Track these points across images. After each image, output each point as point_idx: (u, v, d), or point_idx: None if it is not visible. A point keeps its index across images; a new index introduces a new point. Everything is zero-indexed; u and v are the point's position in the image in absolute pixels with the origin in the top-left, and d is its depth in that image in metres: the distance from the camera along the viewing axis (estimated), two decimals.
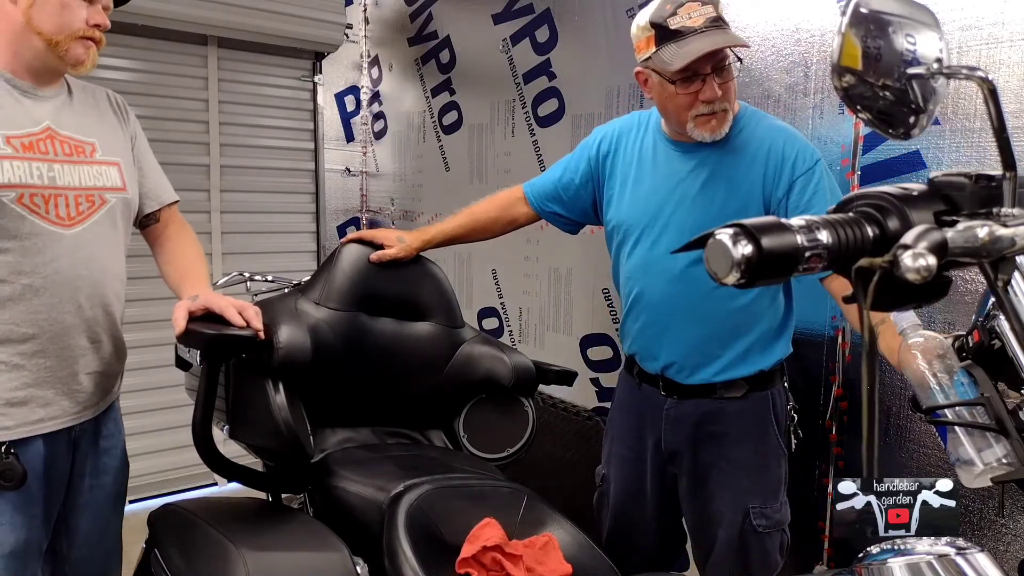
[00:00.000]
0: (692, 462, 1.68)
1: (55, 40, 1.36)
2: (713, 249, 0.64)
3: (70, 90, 1.50)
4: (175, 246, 1.64)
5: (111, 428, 1.57)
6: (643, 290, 1.68)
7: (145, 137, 1.65)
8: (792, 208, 1.54)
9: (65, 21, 1.36)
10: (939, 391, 0.88)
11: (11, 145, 1.34)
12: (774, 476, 1.65)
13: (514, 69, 2.83)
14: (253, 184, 3.47)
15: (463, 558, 1.34)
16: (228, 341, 1.45)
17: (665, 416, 1.69)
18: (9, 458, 1.33)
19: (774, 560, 1.65)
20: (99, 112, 1.54)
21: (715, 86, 1.51)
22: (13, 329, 1.35)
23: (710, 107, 1.53)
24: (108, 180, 1.48)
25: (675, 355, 1.65)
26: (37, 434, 1.39)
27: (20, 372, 1.36)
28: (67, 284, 1.40)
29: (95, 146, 1.48)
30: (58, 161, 1.40)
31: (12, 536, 1.35)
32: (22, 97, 1.39)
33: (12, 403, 1.36)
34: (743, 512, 1.62)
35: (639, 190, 1.69)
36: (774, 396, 1.65)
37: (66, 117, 1.45)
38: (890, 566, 0.75)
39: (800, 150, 1.56)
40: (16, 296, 1.35)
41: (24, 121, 1.38)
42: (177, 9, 3.02)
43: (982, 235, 0.63)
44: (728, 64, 1.53)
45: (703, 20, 1.48)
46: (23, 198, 1.33)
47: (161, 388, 3.15)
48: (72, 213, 1.40)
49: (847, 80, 0.70)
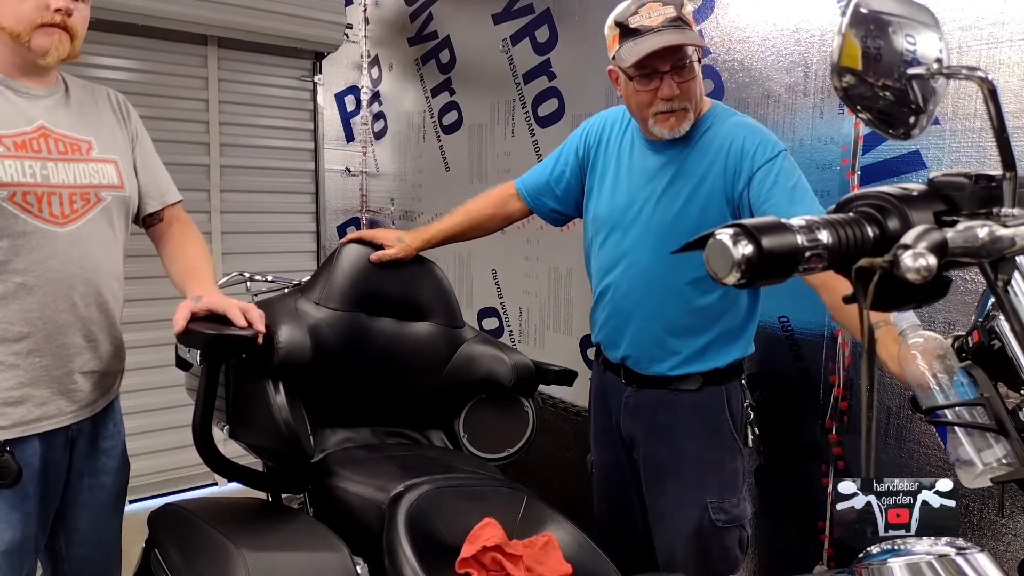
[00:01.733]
0: (647, 452, 1.73)
1: (16, 32, 1.34)
2: (713, 249, 0.64)
3: (67, 88, 1.50)
4: (179, 245, 1.64)
5: (110, 428, 1.57)
6: (609, 284, 1.74)
7: (149, 137, 1.65)
8: (754, 199, 1.55)
9: (22, 12, 1.34)
10: (939, 391, 0.88)
11: (3, 144, 1.34)
12: (730, 470, 1.68)
13: (514, 69, 2.83)
14: (253, 184, 3.48)
15: (463, 558, 1.33)
16: (227, 341, 1.45)
17: (624, 404, 1.75)
18: (4, 456, 1.33)
19: (734, 556, 1.69)
20: (97, 110, 1.54)
21: (673, 84, 1.55)
22: (7, 328, 1.35)
23: (669, 104, 1.58)
24: (104, 178, 1.47)
25: (635, 347, 1.71)
26: (33, 433, 1.39)
27: (15, 371, 1.36)
28: (61, 282, 1.39)
29: (91, 144, 1.47)
30: (52, 159, 1.39)
31: (8, 534, 1.36)
32: (15, 97, 1.39)
33: (8, 402, 1.36)
34: (701, 506, 1.64)
35: (615, 186, 1.74)
36: (729, 391, 1.68)
37: (61, 115, 1.45)
38: (890, 566, 0.75)
39: (761, 143, 1.58)
40: (9, 295, 1.35)
41: (17, 120, 1.38)
42: (177, 9, 3.02)
43: (982, 235, 0.63)
44: (688, 63, 1.55)
45: (662, 20, 1.53)
46: (15, 196, 1.33)
47: (161, 388, 3.16)
48: (66, 211, 1.40)
49: (847, 80, 0.70)
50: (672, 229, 1.62)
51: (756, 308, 1.72)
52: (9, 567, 1.37)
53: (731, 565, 1.69)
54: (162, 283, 1.65)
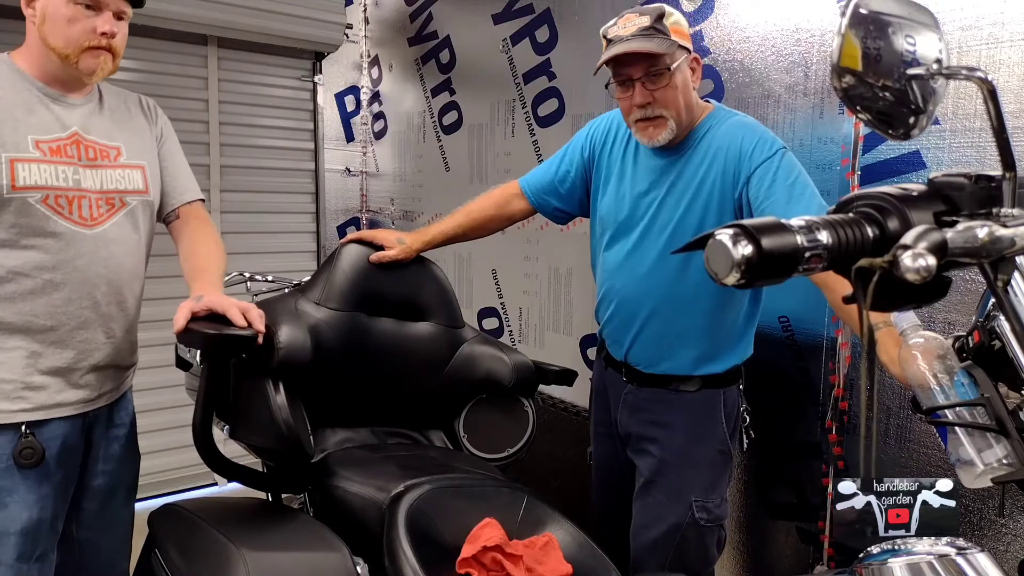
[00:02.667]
0: (640, 446, 1.74)
1: (65, 54, 1.43)
2: (713, 249, 0.64)
3: (101, 97, 1.58)
4: (191, 243, 1.67)
5: (122, 416, 1.64)
6: (612, 285, 1.76)
7: (176, 138, 1.73)
8: (753, 199, 1.56)
9: (72, 35, 1.42)
10: (939, 392, 0.88)
11: (39, 149, 1.43)
12: (717, 472, 1.70)
13: (514, 69, 2.83)
14: (253, 184, 3.47)
15: (463, 558, 1.34)
16: (227, 341, 1.45)
17: (623, 400, 1.77)
18: (29, 437, 1.42)
19: (712, 555, 1.72)
20: (129, 116, 1.62)
21: (645, 91, 1.57)
22: (33, 320, 1.44)
23: (643, 112, 1.60)
24: (131, 183, 1.55)
25: (636, 348, 1.73)
26: (54, 417, 1.47)
27: (38, 359, 1.45)
28: (86, 281, 1.47)
29: (120, 150, 1.55)
30: (83, 165, 1.48)
31: (25, 513, 1.42)
32: (52, 104, 1.47)
33: (31, 387, 1.44)
34: (686, 504, 1.66)
35: (619, 187, 1.75)
36: (726, 395, 1.70)
37: (94, 123, 1.53)
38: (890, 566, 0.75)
39: (759, 142, 1.58)
40: (37, 290, 1.43)
41: (54, 126, 1.46)
42: (177, 9, 3.02)
43: (982, 235, 0.63)
44: (663, 71, 1.56)
45: (634, 29, 1.56)
46: (48, 199, 1.42)
47: (161, 388, 3.15)
48: (95, 214, 1.49)
49: (847, 81, 0.71)
50: (675, 232, 1.64)
51: (756, 312, 1.73)
52: (26, 547, 1.43)
53: (708, 562, 1.72)
54: (165, 282, 1.66)
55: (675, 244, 1.62)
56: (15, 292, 1.42)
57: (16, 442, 1.41)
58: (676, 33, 1.58)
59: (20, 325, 1.43)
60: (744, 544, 2.09)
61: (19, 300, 1.42)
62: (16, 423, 1.42)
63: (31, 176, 1.40)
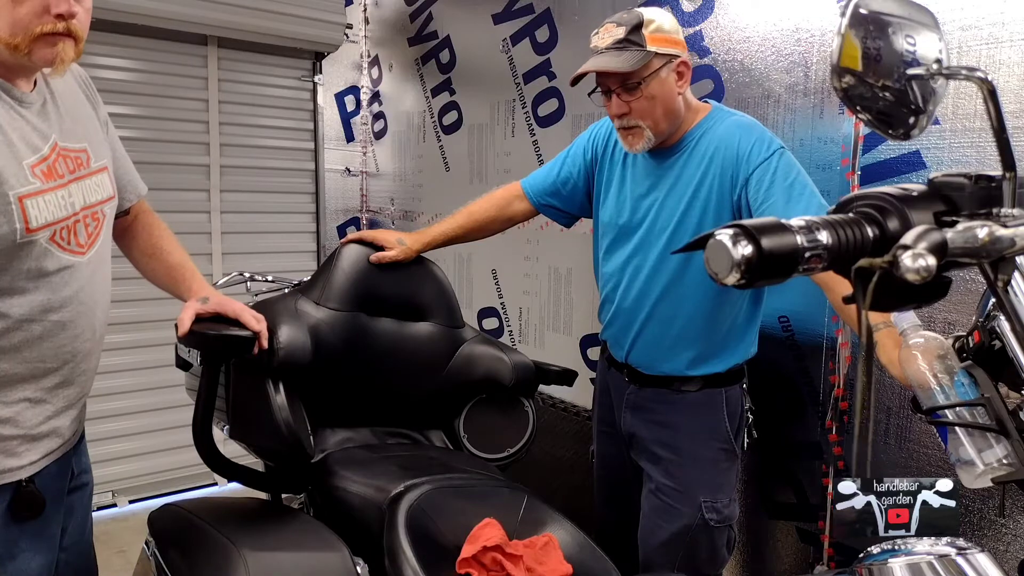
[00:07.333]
0: (645, 447, 1.74)
1: (13, 43, 1.14)
2: (713, 249, 0.64)
3: (47, 83, 1.30)
4: (152, 240, 1.56)
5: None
6: (615, 287, 1.77)
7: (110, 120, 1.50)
8: (752, 200, 1.56)
9: (19, 18, 1.13)
10: (940, 391, 0.88)
11: (36, 176, 1.19)
12: (723, 471, 1.70)
13: (514, 69, 2.83)
14: (253, 184, 3.48)
15: (463, 558, 1.33)
16: (227, 342, 1.45)
17: (626, 400, 1.78)
18: (30, 488, 1.27)
19: (722, 557, 1.71)
20: (75, 102, 1.36)
21: (620, 103, 1.60)
22: (39, 366, 1.26)
23: (620, 122, 1.63)
24: (103, 192, 1.35)
25: (637, 350, 1.74)
26: (51, 461, 1.34)
27: (44, 407, 1.30)
28: (88, 312, 1.31)
29: (87, 152, 1.33)
30: (69, 182, 1.26)
31: (36, 560, 1.31)
32: (21, 108, 1.22)
33: (36, 438, 1.29)
34: (695, 505, 1.66)
35: (620, 190, 1.76)
36: (729, 394, 1.70)
37: (57, 121, 1.28)
38: (890, 566, 0.75)
39: (756, 143, 1.58)
40: (46, 334, 1.25)
41: (36, 140, 1.22)
42: (177, 9, 3.02)
43: (982, 235, 0.63)
44: (637, 83, 1.57)
45: (609, 41, 1.57)
46: (55, 235, 1.23)
47: (161, 388, 3.16)
48: (86, 238, 1.30)
49: (847, 81, 0.71)
50: (674, 233, 1.64)
51: (758, 312, 1.73)
52: None
53: (718, 564, 1.72)
54: None
55: (674, 245, 1.63)
56: (23, 341, 1.22)
57: (15, 494, 1.25)
58: (655, 41, 1.56)
59: (26, 374, 1.24)
60: (744, 544, 2.09)
61: (25, 348, 1.23)
62: (15, 481, 1.26)
63: (40, 214, 1.18)
